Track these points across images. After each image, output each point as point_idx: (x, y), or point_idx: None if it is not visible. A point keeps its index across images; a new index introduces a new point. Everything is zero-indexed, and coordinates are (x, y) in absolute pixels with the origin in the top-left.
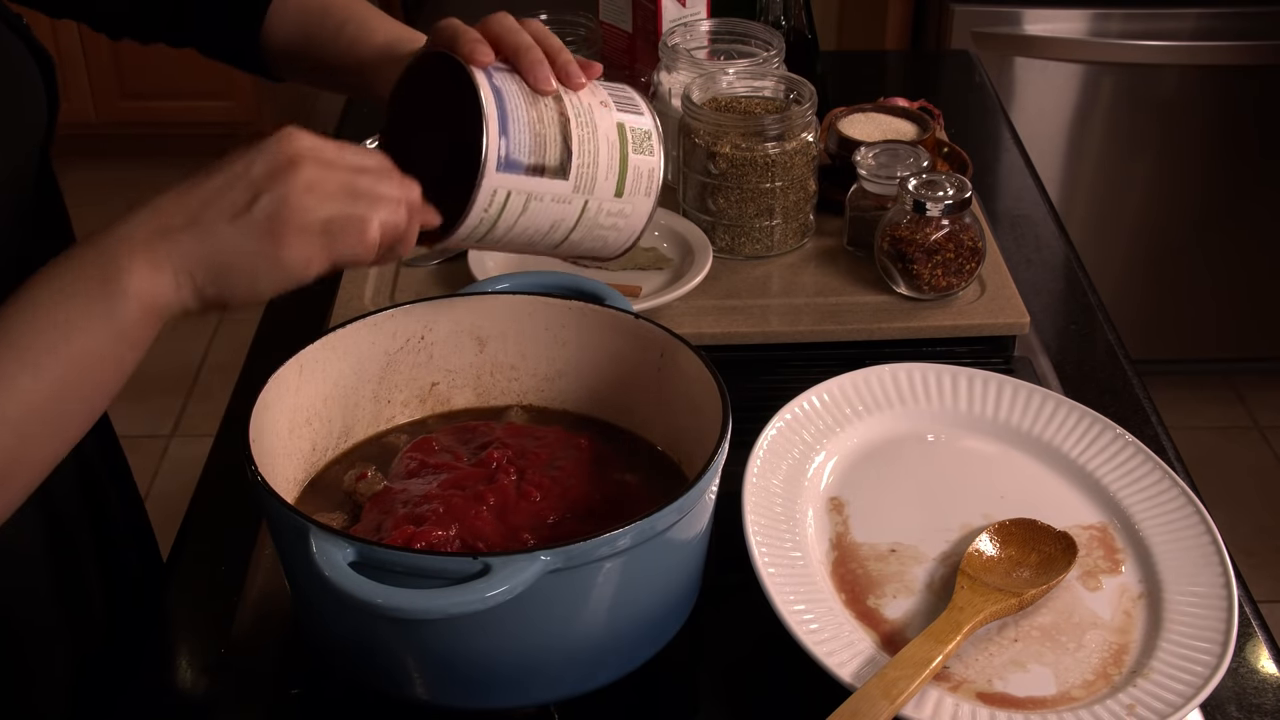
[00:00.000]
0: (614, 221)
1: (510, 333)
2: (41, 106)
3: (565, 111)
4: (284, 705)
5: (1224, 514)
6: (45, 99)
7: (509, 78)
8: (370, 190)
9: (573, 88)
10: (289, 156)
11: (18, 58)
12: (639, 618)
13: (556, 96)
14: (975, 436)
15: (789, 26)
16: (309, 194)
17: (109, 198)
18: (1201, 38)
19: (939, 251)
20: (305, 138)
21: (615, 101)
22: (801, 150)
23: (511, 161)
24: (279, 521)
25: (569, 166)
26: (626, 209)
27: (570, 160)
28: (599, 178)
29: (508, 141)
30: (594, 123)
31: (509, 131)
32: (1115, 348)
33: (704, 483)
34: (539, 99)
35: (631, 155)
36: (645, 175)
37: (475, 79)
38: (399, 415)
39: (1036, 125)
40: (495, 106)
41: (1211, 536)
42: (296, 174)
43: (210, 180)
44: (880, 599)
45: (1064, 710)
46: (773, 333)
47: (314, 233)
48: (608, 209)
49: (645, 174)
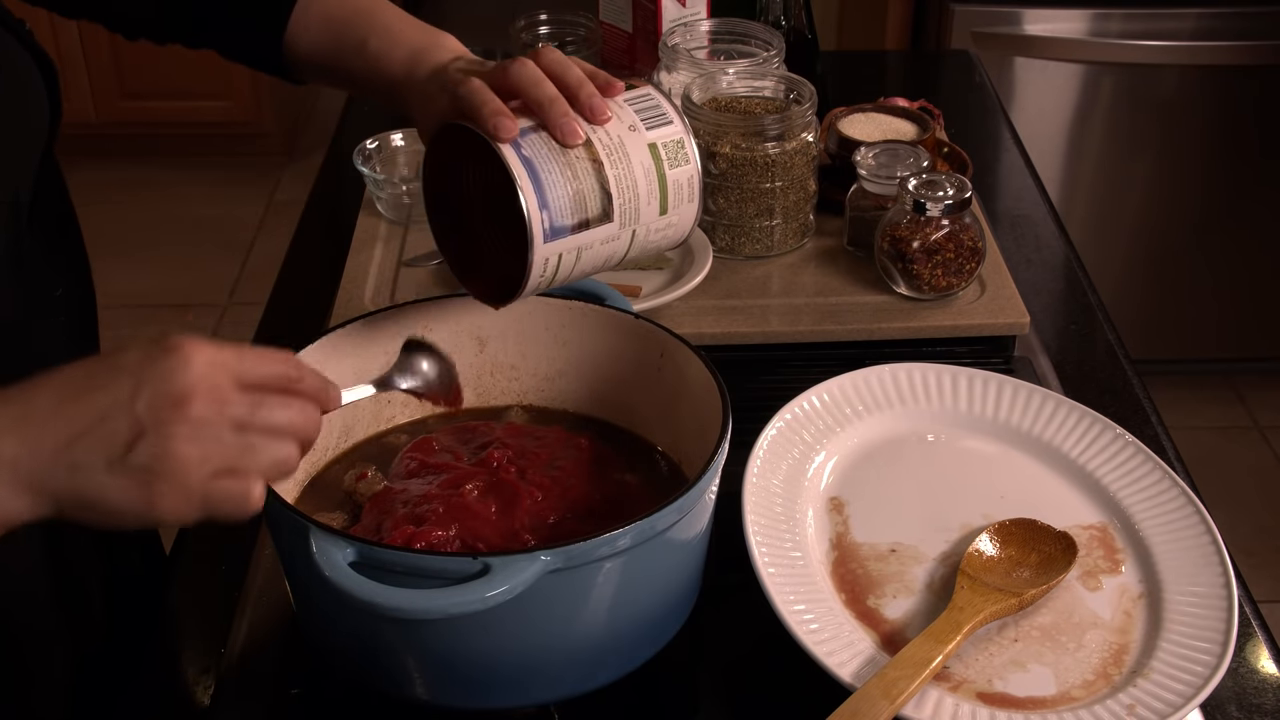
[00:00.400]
0: (664, 234)
1: (510, 333)
2: (44, 112)
3: (598, 155)
4: (284, 705)
5: (1224, 514)
6: (48, 105)
7: (537, 138)
8: (266, 424)
9: (599, 123)
10: (179, 390)
11: (22, 66)
12: (639, 618)
13: (586, 142)
14: (975, 436)
15: (789, 26)
16: (193, 445)
17: (109, 197)
18: (1201, 38)
19: (939, 251)
20: (201, 357)
21: (642, 119)
22: (801, 150)
23: (556, 229)
24: (279, 521)
25: (611, 210)
26: (673, 219)
27: (612, 203)
28: (642, 207)
29: (549, 213)
30: (627, 155)
31: (548, 202)
32: (1115, 348)
33: (704, 483)
34: (569, 151)
35: (669, 173)
36: (685, 184)
37: (505, 158)
38: (399, 415)
39: (1036, 125)
40: (530, 180)
41: (1211, 536)
42: (183, 416)
43: (92, 397)
44: (880, 599)
45: (1064, 710)
46: (773, 333)
47: (191, 495)
48: (656, 227)
49: (685, 183)
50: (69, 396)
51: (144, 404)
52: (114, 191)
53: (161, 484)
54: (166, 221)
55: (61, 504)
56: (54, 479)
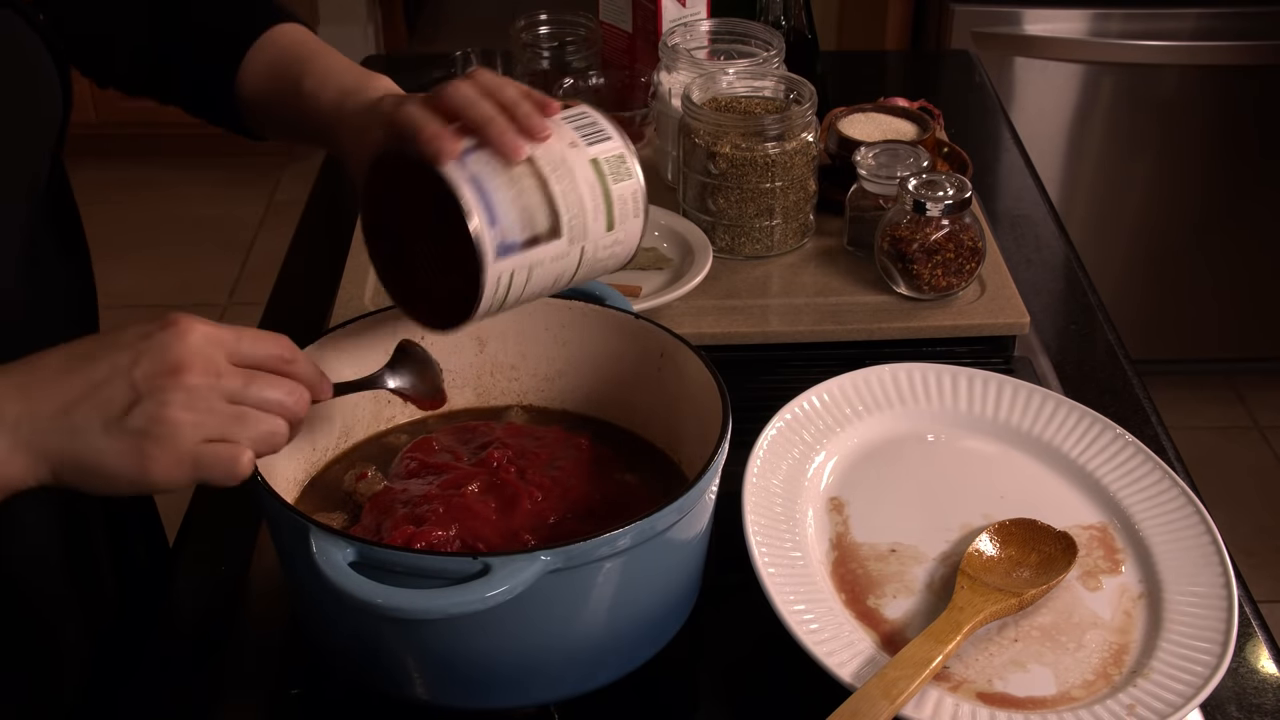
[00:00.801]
0: (611, 250)
1: (510, 333)
2: (57, 101)
3: (541, 171)
4: (284, 705)
5: (1224, 514)
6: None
7: (479, 156)
8: (258, 399)
9: (540, 140)
10: (175, 360)
11: (31, 50)
12: (639, 618)
13: (529, 159)
14: (975, 436)
15: (789, 26)
16: (187, 411)
17: (110, 197)
18: (1201, 38)
19: (939, 251)
20: (197, 331)
21: (582, 135)
22: (801, 150)
23: (507, 245)
24: (279, 521)
25: (560, 226)
26: (620, 235)
27: (559, 219)
28: (589, 223)
29: (499, 229)
30: (570, 171)
31: (497, 218)
32: (1115, 348)
33: (704, 483)
34: (513, 167)
35: (613, 188)
36: (630, 198)
37: (450, 178)
38: (399, 415)
39: (1036, 125)
40: (477, 198)
41: (1211, 536)
42: (178, 384)
43: (93, 365)
44: (880, 599)
45: (1064, 710)
46: (773, 333)
47: (183, 459)
48: (603, 244)
49: (630, 197)
50: (70, 367)
51: (141, 372)
52: (114, 191)
53: (155, 447)
54: (167, 221)
55: (59, 468)
56: (53, 441)
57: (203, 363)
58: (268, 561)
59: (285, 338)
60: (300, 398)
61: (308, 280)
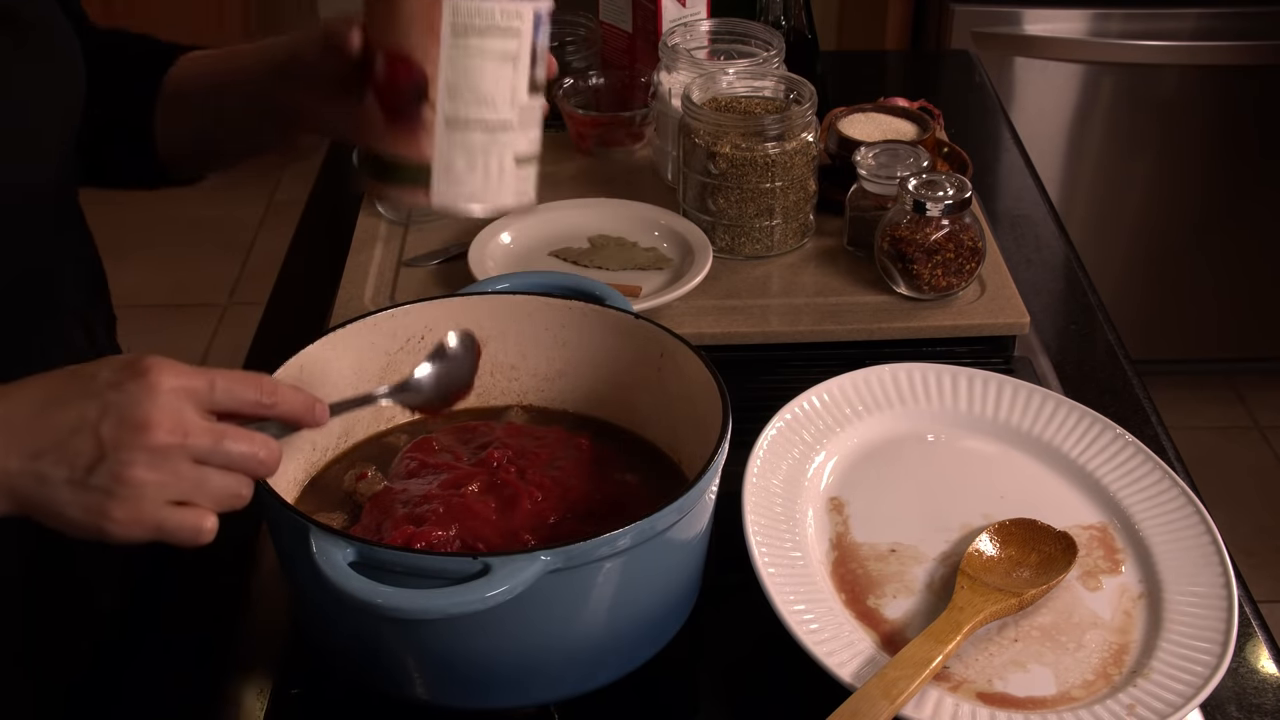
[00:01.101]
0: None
1: (510, 333)
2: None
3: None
4: (284, 705)
5: (1224, 514)
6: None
7: None
8: (225, 458)
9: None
10: (143, 417)
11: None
12: (639, 618)
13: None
14: (975, 436)
15: (789, 26)
16: (151, 471)
17: (109, 197)
18: (1201, 38)
19: (939, 251)
20: (167, 385)
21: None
22: (801, 150)
23: None
24: (279, 521)
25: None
26: None
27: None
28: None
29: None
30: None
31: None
32: (1115, 348)
33: (704, 483)
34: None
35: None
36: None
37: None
38: (399, 415)
39: (1036, 125)
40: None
41: (1211, 536)
42: (143, 443)
43: (63, 412)
44: (880, 599)
45: (1064, 710)
46: (773, 333)
47: (144, 520)
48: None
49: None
50: (43, 410)
51: (108, 427)
52: (114, 191)
53: (115, 507)
54: (166, 222)
55: (25, 508)
56: (20, 484)
57: (170, 420)
58: (268, 562)
59: (264, 377)
60: (271, 451)
61: (308, 280)
